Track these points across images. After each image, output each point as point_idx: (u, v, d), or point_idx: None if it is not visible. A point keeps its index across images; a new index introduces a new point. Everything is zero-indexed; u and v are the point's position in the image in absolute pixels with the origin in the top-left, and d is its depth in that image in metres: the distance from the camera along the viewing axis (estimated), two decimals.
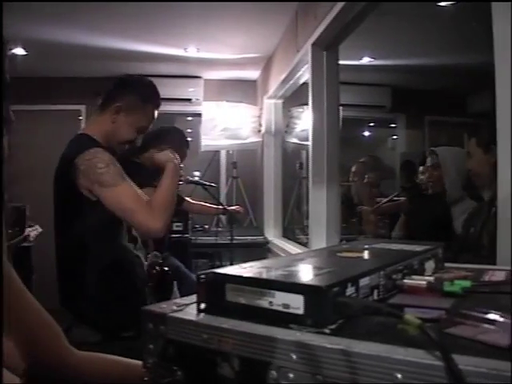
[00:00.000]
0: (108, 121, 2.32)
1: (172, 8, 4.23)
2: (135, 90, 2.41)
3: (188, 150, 3.79)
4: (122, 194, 2.07)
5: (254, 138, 6.26)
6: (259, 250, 5.49)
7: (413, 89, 6.45)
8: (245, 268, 0.92)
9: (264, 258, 1.11)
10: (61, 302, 2.25)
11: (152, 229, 2.08)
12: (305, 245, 4.56)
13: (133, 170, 2.93)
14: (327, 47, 3.67)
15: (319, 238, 3.63)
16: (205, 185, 4.45)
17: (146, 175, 3.05)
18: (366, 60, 5.53)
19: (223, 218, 5.96)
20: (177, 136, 3.56)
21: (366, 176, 4.92)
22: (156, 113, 2.48)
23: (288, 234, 5.87)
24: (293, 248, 4.83)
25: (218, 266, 4.26)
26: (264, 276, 0.86)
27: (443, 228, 2.96)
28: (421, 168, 3.59)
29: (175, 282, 3.32)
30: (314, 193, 3.69)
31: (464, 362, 0.60)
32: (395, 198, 4.39)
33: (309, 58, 3.75)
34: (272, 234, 5.89)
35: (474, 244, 2.63)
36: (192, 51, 5.53)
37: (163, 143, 3.20)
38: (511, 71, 1.59)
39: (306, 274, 0.91)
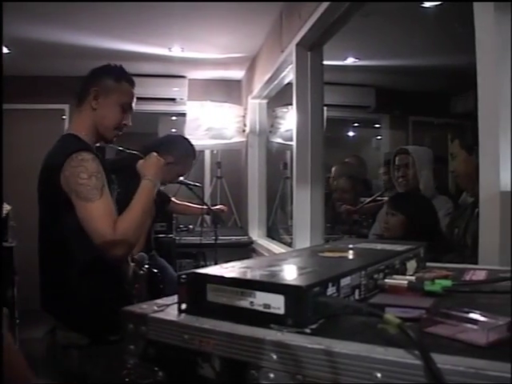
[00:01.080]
0: (89, 110, 2.26)
1: (156, 8, 4.21)
2: (106, 72, 2.36)
3: (195, 160, 3.67)
4: (92, 212, 2.01)
5: (239, 138, 6.25)
6: (243, 250, 5.48)
7: (397, 89, 6.48)
8: (226, 268, 0.92)
9: (248, 258, 1.11)
10: (43, 305, 2.20)
11: (113, 256, 2.04)
12: (289, 245, 4.56)
13: (134, 175, 2.85)
14: (311, 47, 3.67)
15: (303, 238, 3.63)
16: (189, 184, 4.43)
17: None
18: (350, 60, 5.55)
19: (207, 218, 5.95)
20: (182, 146, 3.46)
21: (335, 182, 4.88)
22: (133, 90, 2.43)
23: (272, 233, 5.87)
24: (277, 248, 4.83)
25: (203, 266, 4.24)
26: (245, 276, 0.86)
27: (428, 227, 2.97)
28: (382, 169, 3.60)
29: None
30: (298, 193, 3.69)
31: (443, 361, 0.60)
32: (378, 198, 4.41)
33: (293, 58, 3.75)
34: (256, 234, 5.89)
35: (458, 244, 2.65)
36: (176, 51, 5.51)
37: (166, 152, 3.04)
38: (504, 71, 1.61)
39: (286, 274, 0.91)
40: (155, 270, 3.03)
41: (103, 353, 2.03)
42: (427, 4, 3.98)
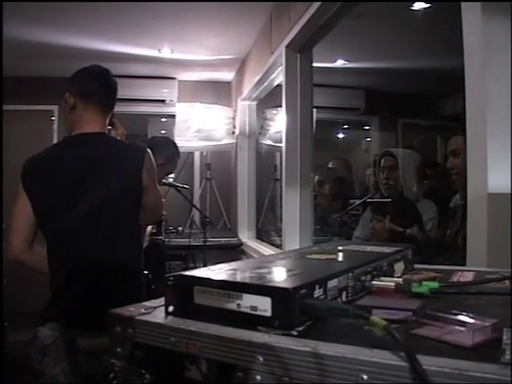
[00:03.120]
0: (109, 114, 2.42)
1: (146, 9, 4.20)
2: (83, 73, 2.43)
3: (179, 159, 3.85)
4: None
5: (228, 140, 6.25)
6: (233, 252, 5.48)
7: (386, 91, 6.49)
8: (213, 270, 0.92)
9: (237, 260, 1.10)
10: (58, 316, 2.14)
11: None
12: (279, 246, 4.56)
13: None
14: (301, 49, 3.68)
15: (292, 240, 3.64)
16: (178, 186, 4.44)
17: None
18: (339, 62, 5.55)
19: (197, 219, 5.95)
20: (169, 147, 3.57)
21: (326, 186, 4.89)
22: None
23: (262, 235, 5.87)
24: (266, 250, 4.83)
25: (192, 268, 4.24)
26: (232, 278, 0.86)
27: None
28: (368, 170, 3.58)
29: None
30: (287, 194, 3.70)
31: (428, 362, 0.60)
32: (368, 200, 4.41)
33: (283, 60, 3.76)
34: (246, 236, 5.89)
35: (450, 246, 2.65)
36: (166, 52, 5.51)
37: (157, 154, 3.15)
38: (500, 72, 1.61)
39: (273, 276, 0.91)
40: (146, 272, 3.05)
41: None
42: (416, 7, 3.99)
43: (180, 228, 5.89)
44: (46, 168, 2.23)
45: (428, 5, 3.96)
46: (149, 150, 2.29)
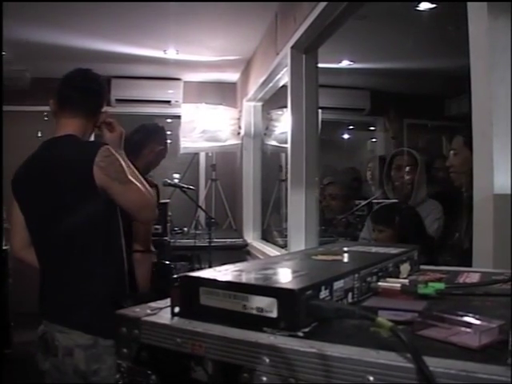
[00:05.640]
0: (91, 117, 2.39)
1: (151, 10, 4.21)
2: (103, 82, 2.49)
3: None
4: (139, 191, 2.25)
5: (234, 141, 6.25)
6: (238, 253, 5.49)
7: (392, 92, 6.49)
8: (219, 271, 0.91)
9: (243, 261, 1.11)
10: (41, 310, 2.24)
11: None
12: (284, 247, 4.56)
13: None
14: (306, 50, 3.68)
15: (298, 241, 3.64)
16: (183, 187, 4.45)
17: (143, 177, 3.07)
18: (345, 63, 5.56)
19: (202, 220, 5.95)
20: (164, 134, 3.57)
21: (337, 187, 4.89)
22: None
23: (267, 236, 5.87)
24: (272, 250, 4.83)
25: (198, 269, 4.24)
26: (238, 279, 0.86)
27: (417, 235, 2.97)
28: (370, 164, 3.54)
29: None
30: (292, 195, 3.70)
31: (435, 364, 0.60)
32: (374, 201, 4.41)
33: (288, 60, 3.76)
34: (251, 237, 5.89)
35: (458, 248, 2.65)
36: (171, 53, 5.52)
37: (155, 142, 3.31)
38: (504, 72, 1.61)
39: (279, 277, 0.91)
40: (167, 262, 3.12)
41: (109, 351, 2.04)
42: (422, 7, 3.99)
43: (185, 229, 5.90)
44: (21, 176, 2.30)
45: (434, 5, 3.96)
46: (106, 147, 2.20)
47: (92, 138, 2.63)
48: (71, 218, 2.16)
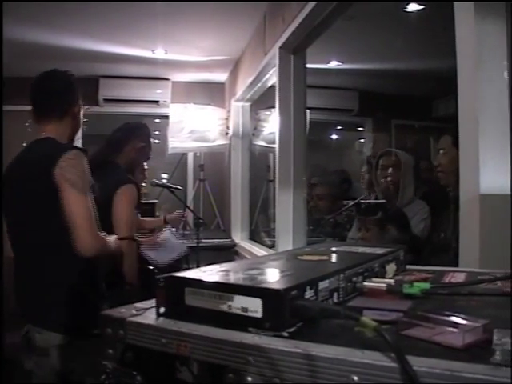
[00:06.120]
0: (70, 120, 2.36)
1: (140, 9, 4.19)
2: (75, 83, 2.45)
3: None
4: (82, 208, 2.15)
5: (222, 141, 6.24)
6: (226, 253, 5.48)
7: (380, 93, 6.50)
8: (204, 272, 0.91)
9: (231, 261, 1.11)
10: (20, 310, 2.23)
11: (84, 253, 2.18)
12: (272, 247, 4.56)
13: (111, 170, 2.95)
14: (295, 50, 3.68)
15: (286, 241, 3.64)
16: (171, 187, 4.44)
17: (123, 173, 3.06)
18: (333, 64, 5.56)
19: (190, 220, 5.94)
20: (147, 131, 3.55)
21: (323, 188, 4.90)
22: None
23: (255, 236, 5.87)
24: (260, 251, 4.83)
25: (186, 269, 4.22)
26: (223, 280, 0.86)
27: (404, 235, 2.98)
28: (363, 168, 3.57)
29: None
30: (280, 195, 3.70)
31: (419, 363, 0.60)
32: (362, 201, 4.41)
33: (276, 61, 3.76)
34: (239, 237, 5.88)
35: (445, 248, 2.66)
36: (160, 53, 5.50)
37: (136, 139, 3.28)
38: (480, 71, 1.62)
39: (264, 277, 0.91)
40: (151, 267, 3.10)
41: (84, 348, 2.04)
42: (410, 8, 4.00)
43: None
44: (3, 179, 2.31)
45: (422, 6, 3.97)
46: (75, 152, 2.17)
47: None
48: (38, 219, 2.16)
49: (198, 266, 4.35)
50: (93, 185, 2.24)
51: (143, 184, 4.30)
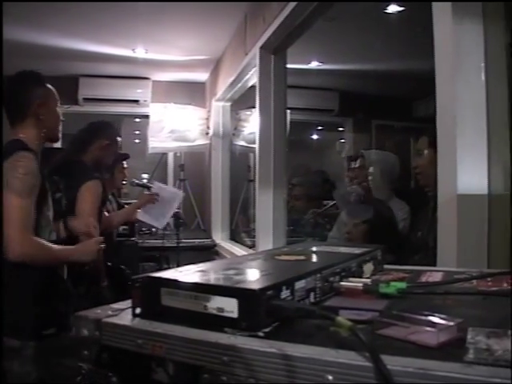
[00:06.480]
0: (34, 121, 2.29)
1: (120, 8, 4.17)
2: (36, 82, 2.38)
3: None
4: (16, 211, 2.07)
5: (202, 141, 6.23)
6: (207, 253, 5.46)
7: (360, 93, 6.53)
8: (181, 272, 0.91)
9: (211, 261, 1.10)
10: None
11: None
12: (252, 247, 4.56)
13: (77, 169, 2.92)
14: (275, 51, 3.68)
15: (266, 241, 3.64)
16: (151, 187, 4.41)
17: (89, 171, 3.03)
18: (314, 64, 5.58)
19: (170, 220, 5.92)
20: (111, 129, 3.50)
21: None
22: None
23: (236, 236, 5.87)
24: (240, 251, 4.83)
25: (166, 269, 4.20)
26: (198, 280, 0.86)
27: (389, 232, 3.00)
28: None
29: None
30: (260, 195, 3.70)
31: (393, 362, 0.61)
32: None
33: (257, 61, 3.76)
34: (219, 237, 5.88)
35: (422, 247, 2.67)
36: (140, 52, 5.47)
37: (101, 138, 3.23)
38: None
39: (240, 277, 0.91)
40: (123, 267, 3.06)
41: (40, 352, 2.03)
42: (390, 10, 4.03)
43: (153, 229, 5.85)
44: None
45: (402, 8, 4.00)
46: (24, 153, 2.12)
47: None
48: None
49: (178, 267, 4.34)
50: (57, 185, 2.22)
51: (124, 182, 4.27)
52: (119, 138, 3.57)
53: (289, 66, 3.77)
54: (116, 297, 2.59)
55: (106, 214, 3.74)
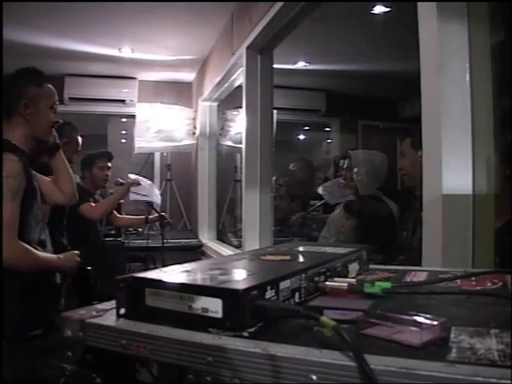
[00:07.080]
0: (21, 121, 2.26)
1: (107, 8, 4.15)
2: (27, 81, 2.33)
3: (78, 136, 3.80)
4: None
5: (189, 141, 6.22)
6: (193, 253, 5.45)
7: (347, 94, 6.56)
8: (165, 272, 0.91)
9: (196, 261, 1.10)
10: None
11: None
12: (238, 247, 4.56)
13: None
14: (262, 51, 3.68)
15: (252, 241, 3.64)
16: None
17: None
18: (300, 64, 5.59)
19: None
20: (67, 127, 3.49)
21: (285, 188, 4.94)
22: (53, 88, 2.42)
23: (222, 236, 5.87)
24: (227, 251, 4.82)
25: (152, 270, 4.19)
26: (183, 280, 0.85)
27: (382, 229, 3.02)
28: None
29: None
30: (247, 195, 3.70)
31: (376, 362, 0.61)
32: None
33: (243, 61, 3.76)
34: (206, 237, 5.87)
35: (407, 247, 2.69)
36: (126, 52, 5.45)
37: (60, 135, 3.19)
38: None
39: (225, 277, 0.91)
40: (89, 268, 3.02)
41: (23, 352, 2.02)
42: (376, 10, 4.04)
43: (140, 229, 5.83)
44: None
45: (388, 8, 4.02)
46: (4, 155, 2.08)
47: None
48: None
49: (163, 267, 4.33)
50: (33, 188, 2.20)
51: (104, 179, 4.20)
52: (79, 138, 3.64)
53: (275, 66, 3.77)
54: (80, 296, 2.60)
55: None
